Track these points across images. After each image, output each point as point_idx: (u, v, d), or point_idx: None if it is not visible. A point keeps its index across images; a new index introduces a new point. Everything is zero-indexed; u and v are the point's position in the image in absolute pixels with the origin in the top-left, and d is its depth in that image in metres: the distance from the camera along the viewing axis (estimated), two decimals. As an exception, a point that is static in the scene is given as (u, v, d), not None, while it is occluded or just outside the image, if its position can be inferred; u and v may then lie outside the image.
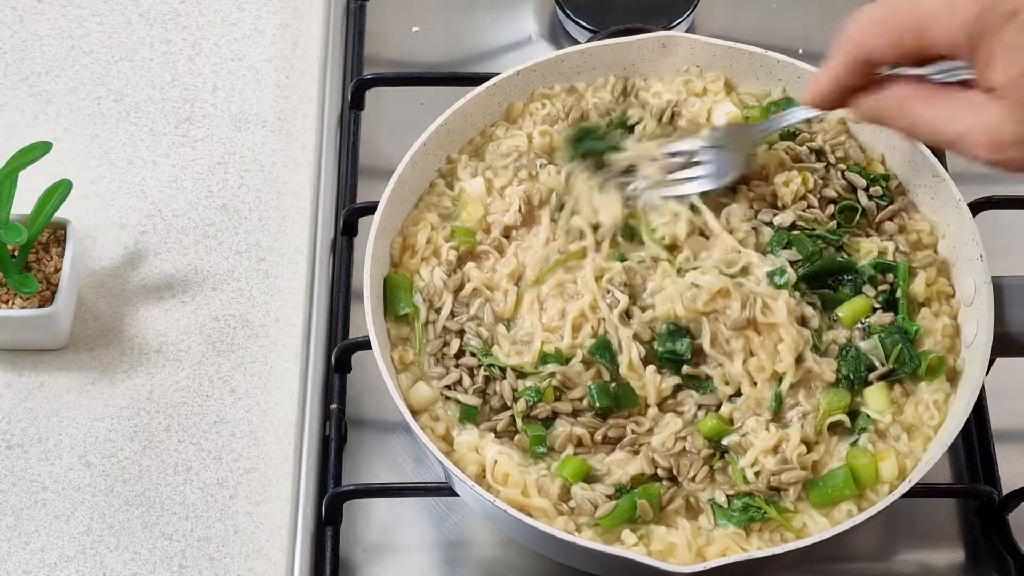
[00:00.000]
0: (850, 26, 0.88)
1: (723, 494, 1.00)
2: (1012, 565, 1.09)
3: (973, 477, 1.13)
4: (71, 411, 1.12)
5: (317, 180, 1.26)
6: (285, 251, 1.21)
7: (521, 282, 1.09)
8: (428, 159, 1.14)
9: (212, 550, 1.06)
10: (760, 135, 1.10)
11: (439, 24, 1.40)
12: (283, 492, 1.09)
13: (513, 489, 0.99)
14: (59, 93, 1.29)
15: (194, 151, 1.26)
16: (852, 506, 1.00)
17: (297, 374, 1.14)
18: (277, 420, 1.12)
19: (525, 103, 1.18)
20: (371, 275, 1.06)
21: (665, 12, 1.34)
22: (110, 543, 1.06)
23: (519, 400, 1.03)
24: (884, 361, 1.04)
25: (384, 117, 1.32)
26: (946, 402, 1.04)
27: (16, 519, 1.07)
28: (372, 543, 1.11)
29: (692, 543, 0.98)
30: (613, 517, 0.99)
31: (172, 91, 1.29)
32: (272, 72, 1.31)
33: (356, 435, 1.16)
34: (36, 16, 1.33)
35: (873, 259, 1.08)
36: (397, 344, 1.08)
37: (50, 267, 1.13)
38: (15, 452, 1.10)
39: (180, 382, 1.14)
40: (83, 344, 1.15)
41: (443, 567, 1.11)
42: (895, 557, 1.12)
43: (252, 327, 1.16)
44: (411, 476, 1.14)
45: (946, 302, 1.09)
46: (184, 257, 1.20)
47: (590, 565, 1.02)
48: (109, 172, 1.24)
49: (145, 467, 1.09)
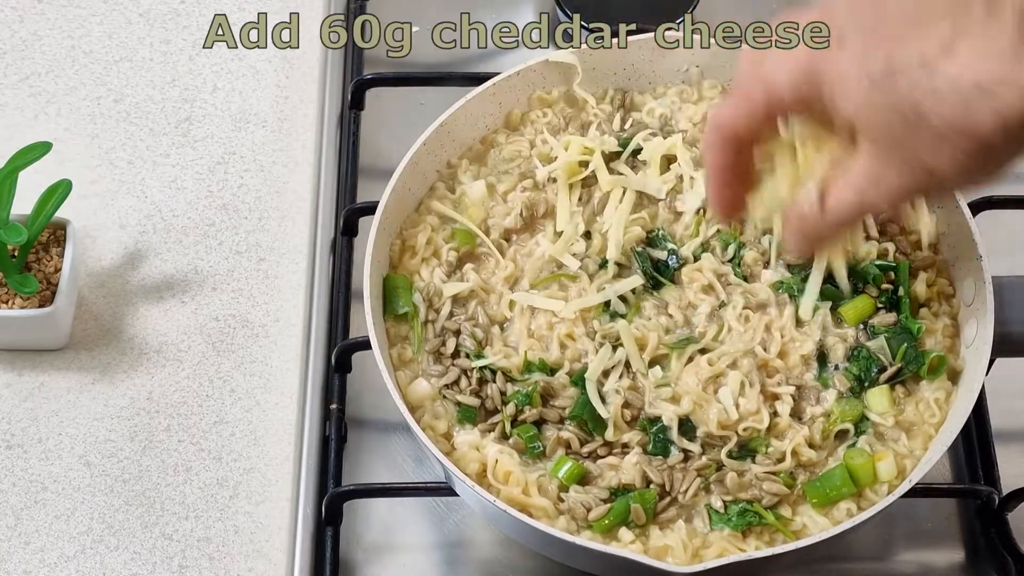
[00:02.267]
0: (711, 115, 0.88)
1: (719, 499, 1.00)
2: (1012, 565, 1.09)
3: (973, 477, 1.13)
4: (71, 411, 1.12)
5: (317, 180, 1.26)
6: (285, 251, 1.21)
7: (516, 286, 1.09)
8: (428, 159, 1.14)
9: (212, 550, 1.06)
10: None
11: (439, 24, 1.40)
12: (283, 492, 1.09)
13: (515, 488, 0.99)
14: (59, 93, 1.29)
15: (194, 151, 1.26)
16: (852, 506, 1.00)
17: (297, 374, 1.14)
18: (277, 420, 1.12)
19: (524, 112, 1.18)
20: (371, 275, 1.06)
21: (665, 12, 1.34)
22: (110, 543, 1.06)
23: (508, 403, 1.03)
24: (892, 361, 1.04)
25: (384, 117, 1.32)
26: (947, 400, 1.04)
27: (16, 519, 1.07)
28: (372, 543, 1.11)
29: (688, 544, 0.98)
30: (606, 521, 0.99)
31: (172, 91, 1.29)
32: (272, 72, 1.31)
33: (356, 435, 1.16)
34: (36, 16, 1.33)
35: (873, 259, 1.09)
36: (396, 342, 1.08)
37: (50, 267, 1.13)
38: (15, 452, 1.10)
39: (180, 382, 1.14)
40: (83, 344, 1.15)
41: (443, 567, 1.11)
42: (895, 557, 1.12)
43: (252, 327, 1.16)
44: (411, 476, 1.14)
45: (946, 302, 1.09)
46: (184, 257, 1.20)
47: (590, 565, 1.02)
48: (109, 172, 1.24)
49: (145, 467, 1.09)
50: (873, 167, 0.79)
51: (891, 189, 0.79)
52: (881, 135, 0.77)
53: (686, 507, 1.01)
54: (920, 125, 0.75)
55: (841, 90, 0.78)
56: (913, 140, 0.76)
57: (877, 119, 0.77)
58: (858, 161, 0.80)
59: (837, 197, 0.83)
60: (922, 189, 0.79)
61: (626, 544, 0.98)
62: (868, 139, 0.79)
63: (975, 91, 0.72)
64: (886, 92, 0.75)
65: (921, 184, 0.78)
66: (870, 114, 0.77)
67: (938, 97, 0.73)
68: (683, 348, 1.04)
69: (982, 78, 0.72)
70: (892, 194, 0.80)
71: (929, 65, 0.74)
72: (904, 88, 0.74)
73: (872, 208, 0.82)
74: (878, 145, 0.78)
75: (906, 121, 0.75)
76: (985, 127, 0.73)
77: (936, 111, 0.74)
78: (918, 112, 0.74)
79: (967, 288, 1.07)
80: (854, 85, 0.77)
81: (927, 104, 0.74)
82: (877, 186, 0.80)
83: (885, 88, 0.75)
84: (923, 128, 0.75)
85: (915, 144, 0.76)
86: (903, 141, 0.76)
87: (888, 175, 0.79)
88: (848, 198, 0.82)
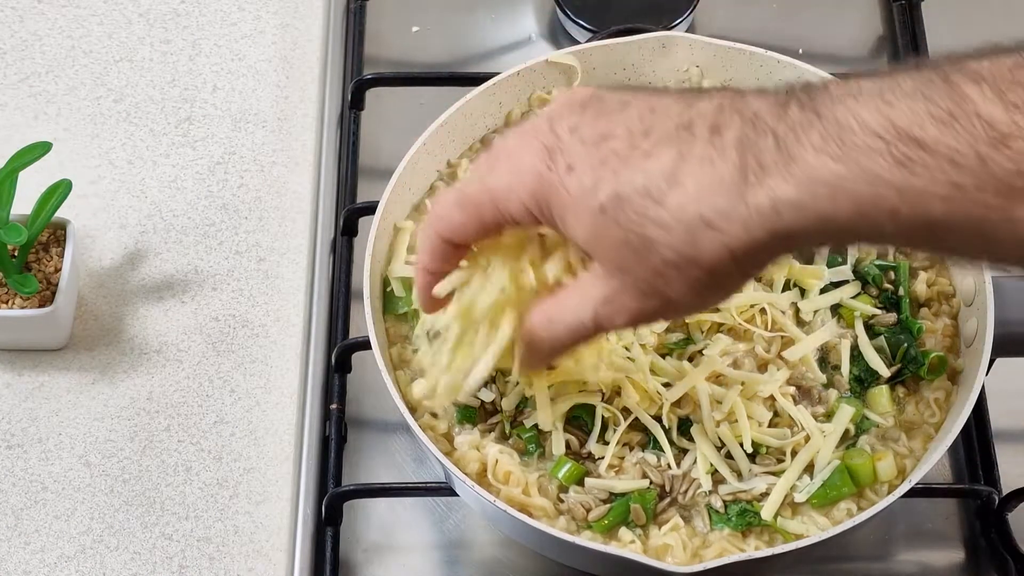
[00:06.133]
0: (431, 209, 0.86)
1: (719, 499, 1.00)
2: (1012, 565, 1.09)
3: (973, 477, 1.13)
4: (71, 411, 1.12)
5: (317, 180, 1.26)
6: (285, 251, 1.21)
7: None
8: (428, 159, 1.14)
9: (212, 550, 1.06)
10: None
11: (439, 24, 1.40)
12: (283, 492, 1.09)
13: (515, 488, 0.99)
14: (59, 93, 1.29)
15: (194, 151, 1.26)
16: (852, 506, 1.00)
17: (297, 374, 1.14)
18: (277, 420, 1.12)
19: (524, 111, 1.18)
20: (371, 275, 1.06)
21: (665, 12, 1.34)
22: (110, 543, 1.06)
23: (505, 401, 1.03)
24: (892, 360, 1.04)
25: (384, 117, 1.32)
26: (947, 400, 1.04)
27: (16, 519, 1.07)
28: (372, 543, 1.11)
29: (688, 544, 0.98)
30: (606, 521, 0.99)
31: (172, 91, 1.29)
32: (272, 72, 1.31)
33: (356, 435, 1.16)
34: (36, 16, 1.33)
35: (873, 259, 1.09)
36: (396, 341, 1.08)
37: (50, 267, 1.13)
38: (15, 452, 1.10)
39: (180, 382, 1.14)
40: (83, 344, 1.15)
41: (443, 567, 1.11)
42: (895, 557, 1.12)
43: (252, 327, 1.16)
44: (411, 476, 1.14)
45: (946, 302, 1.09)
46: (184, 257, 1.20)
47: (591, 565, 1.02)
48: (109, 172, 1.24)
49: (145, 467, 1.09)
50: (606, 289, 0.78)
51: (625, 311, 0.78)
52: (611, 261, 0.76)
53: (686, 507, 1.01)
54: (649, 253, 0.74)
55: (572, 217, 0.76)
56: (643, 267, 0.75)
57: (606, 246, 0.76)
58: (593, 282, 0.79)
59: (572, 314, 0.81)
60: (658, 312, 0.78)
61: (626, 544, 0.98)
62: (601, 263, 0.78)
63: (700, 224, 0.72)
64: (613, 221, 0.74)
65: (656, 308, 0.77)
66: (599, 242, 0.76)
67: (664, 228, 0.73)
68: (683, 348, 1.04)
69: (705, 212, 0.71)
70: (627, 317, 0.78)
71: (653, 195, 0.73)
72: (631, 217, 0.73)
73: (608, 328, 0.80)
74: (609, 269, 0.77)
75: (634, 250, 0.74)
76: (713, 258, 0.72)
77: (663, 241, 0.73)
78: (645, 241, 0.73)
79: (967, 288, 1.07)
80: (583, 212, 0.75)
81: (653, 234, 0.73)
82: (611, 307, 0.78)
83: (612, 217, 0.74)
84: (652, 256, 0.74)
85: (645, 271, 0.75)
86: (633, 268, 0.75)
87: (622, 299, 0.78)
88: (583, 316, 0.80)
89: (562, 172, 0.76)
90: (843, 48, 1.39)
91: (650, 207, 0.73)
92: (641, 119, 0.75)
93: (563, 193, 0.76)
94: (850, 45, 1.39)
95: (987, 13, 1.41)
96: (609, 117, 0.77)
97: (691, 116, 0.74)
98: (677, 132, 0.74)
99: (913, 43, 1.35)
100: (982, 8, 1.41)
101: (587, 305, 0.80)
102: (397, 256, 1.10)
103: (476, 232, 0.83)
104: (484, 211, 0.81)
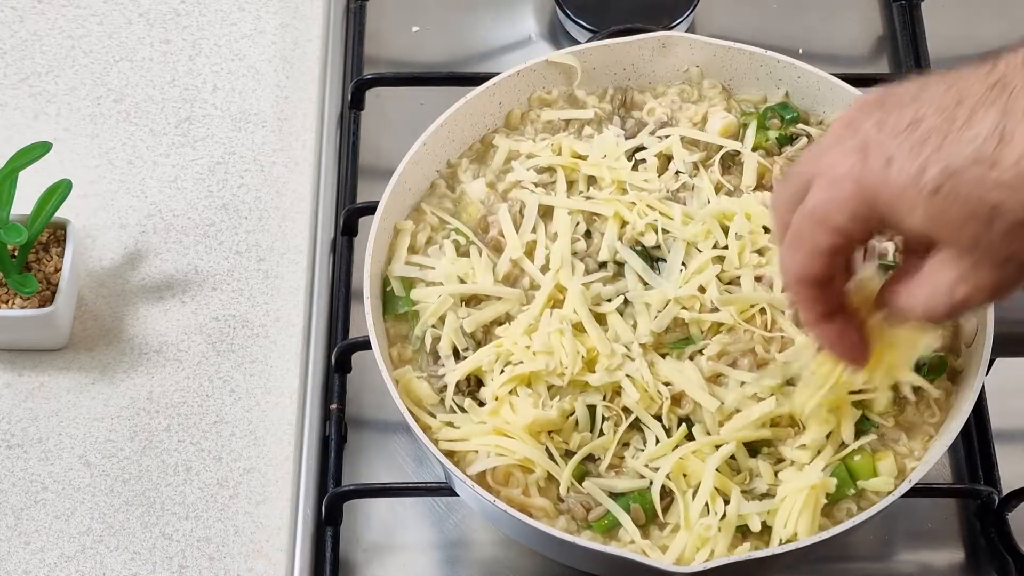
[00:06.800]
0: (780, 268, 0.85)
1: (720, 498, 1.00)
2: (1012, 565, 1.09)
3: (973, 477, 1.13)
4: (71, 411, 1.12)
5: (317, 180, 1.26)
6: (285, 251, 1.21)
7: None
8: (428, 159, 1.14)
9: (212, 550, 1.06)
10: None
11: (439, 24, 1.40)
12: (283, 492, 1.09)
13: (515, 488, 0.99)
14: (59, 93, 1.29)
15: (194, 151, 1.26)
16: (852, 506, 1.00)
17: (297, 374, 1.14)
18: (277, 420, 1.12)
19: (524, 112, 1.18)
20: (371, 275, 1.06)
21: (665, 12, 1.34)
22: (110, 543, 1.06)
23: None
24: None
25: (384, 117, 1.32)
26: (947, 400, 1.04)
27: (16, 519, 1.07)
28: (372, 543, 1.11)
29: (688, 544, 0.98)
30: (606, 521, 0.99)
31: (172, 91, 1.29)
32: (272, 72, 1.31)
33: (356, 435, 1.16)
34: (36, 16, 1.33)
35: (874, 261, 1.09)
36: (396, 341, 1.08)
37: (50, 267, 1.13)
38: (15, 452, 1.10)
39: (180, 382, 1.14)
40: (83, 344, 1.15)
41: (443, 567, 1.11)
42: (895, 557, 1.12)
43: (252, 327, 1.16)
44: (411, 476, 1.14)
45: (946, 302, 1.09)
46: (184, 257, 1.20)
47: (591, 565, 1.02)
48: (109, 172, 1.24)
49: (145, 467, 1.09)
50: (958, 270, 0.77)
51: (983, 288, 0.77)
52: (959, 239, 0.75)
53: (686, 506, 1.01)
54: (996, 219, 0.72)
55: (904, 207, 0.75)
56: (993, 235, 0.73)
57: (950, 225, 0.74)
58: (941, 267, 0.78)
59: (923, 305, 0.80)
60: (1016, 280, 0.76)
61: (626, 544, 0.98)
62: (947, 245, 0.76)
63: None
64: (950, 198, 0.73)
65: (1013, 275, 0.76)
66: (941, 223, 0.74)
67: (1006, 188, 0.71)
68: (682, 348, 1.04)
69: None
70: (986, 293, 0.77)
71: (985, 160, 0.71)
72: (968, 188, 0.72)
73: (964, 310, 0.79)
74: (959, 249, 0.76)
75: (981, 219, 0.73)
76: None
77: (1008, 202, 0.71)
78: (989, 207, 0.72)
79: (967, 288, 1.07)
80: (915, 199, 0.74)
81: (996, 198, 0.71)
82: (967, 286, 0.77)
83: (947, 194, 0.73)
84: (1000, 221, 0.72)
85: (996, 238, 0.73)
86: (983, 239, 0.74)
87: (977, 275, 0.76)
88: (936, 304, 0.79)
89: (881, 167, 0.75)
90: (843, 48, 1.39)
91: (985, 173, 0.71)
92: (947, 92, 0.74)
93: (888, 187, 0.75)
94: (850, 45, 1.39)
95: (987, 13, 1.41)
96: (911, 103, 0.75)
97: (998, 74, 0.72)
98: (990, 93, 0.72)
99: (913, 43, 1.36)
100: (982, 8, 1.41)
101: (940, 291, 0.78)
102: (397, 256, 1.10)
103: (824, 265, 0.82)
104: (818, 238, 0.80)
